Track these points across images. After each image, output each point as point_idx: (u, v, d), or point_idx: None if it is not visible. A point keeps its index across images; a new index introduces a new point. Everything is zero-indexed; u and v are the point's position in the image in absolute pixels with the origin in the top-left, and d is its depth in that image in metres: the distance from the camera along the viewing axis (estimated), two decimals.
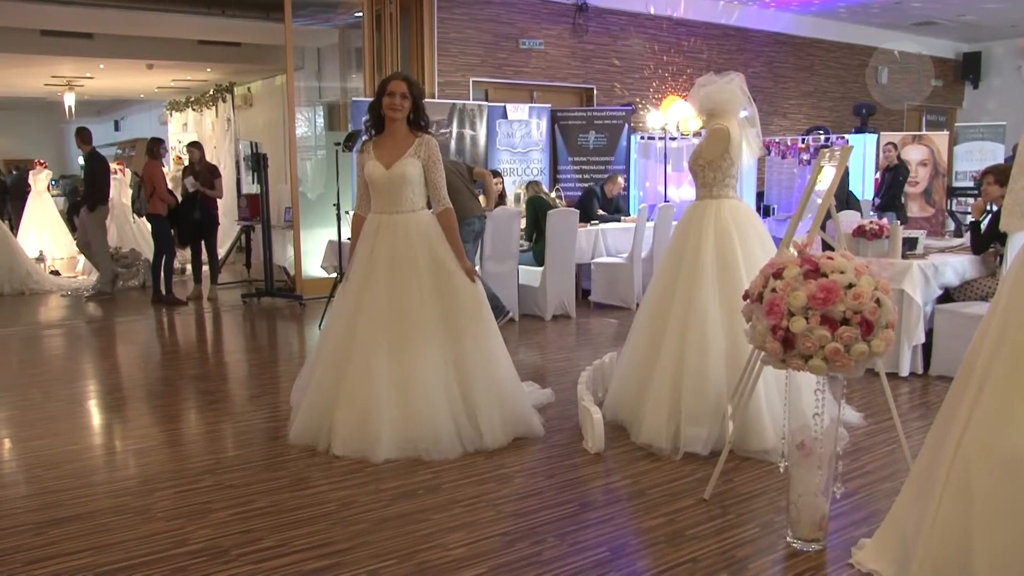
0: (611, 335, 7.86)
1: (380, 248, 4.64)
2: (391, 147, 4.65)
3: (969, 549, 2.68)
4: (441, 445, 4.43)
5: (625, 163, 11.53)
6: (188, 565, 3.27)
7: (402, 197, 4.64)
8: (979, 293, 6.15)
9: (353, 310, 4.63)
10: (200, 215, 10.01)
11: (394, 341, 4.52)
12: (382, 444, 4.40)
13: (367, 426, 4.43)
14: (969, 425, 2.75)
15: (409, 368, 4.50)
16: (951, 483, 2.75)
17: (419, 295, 4.57)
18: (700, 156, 4.76)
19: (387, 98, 4.57)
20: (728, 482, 4.07)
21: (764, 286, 3.22)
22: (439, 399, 4.50)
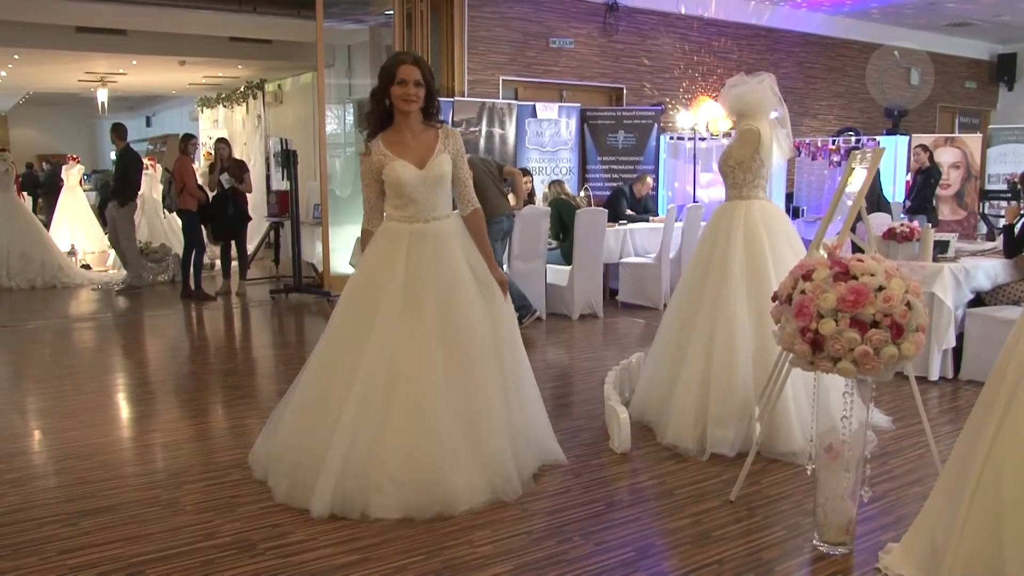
0: (638, 335, 7.86)
1: (416, 265, 3.90)
2: (412, 143, 3.96)
3: (1000, 557, 2.66)
4: (512, 483, 3.88)
5: (654, 163, 11.51)
6: (216, 558, 3.31)
7: (438, 201, 3.98)
8: (1011, 297, 6.10)
9: (383, 343, 3.81)
10: (233, 211, 10.12)
11: (454, 375, 3.82)
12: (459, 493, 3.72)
13: (438, 475, 3.71)
14: (1000, 431, 2.72)
15: (478, 403, 3.84)
16: (981, 490, 2.73)
17: (473, 317, 3.92)
18: (730, 157, 4.76)
19: (399, 87, 3.85)
20: (755, 484, 4.06)
21: (793, 287, 3.22)
22: (505, 432, 3.90)
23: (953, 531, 2.80)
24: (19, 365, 6.95)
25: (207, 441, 4.85)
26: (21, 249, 11.01)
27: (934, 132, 14.45)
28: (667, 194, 11.80)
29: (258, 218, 11.37)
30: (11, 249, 10.94)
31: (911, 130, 12.95)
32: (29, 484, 4.15)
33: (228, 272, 10.55)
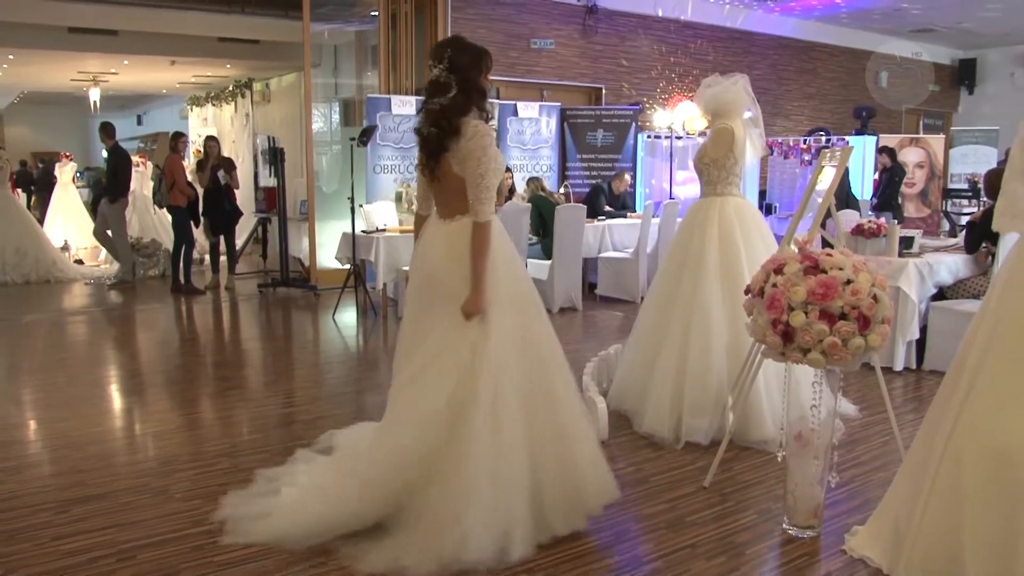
0: (616, 327, 7.99)
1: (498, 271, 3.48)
2: None
3: (958, 537, 2.81)
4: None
5: (632, 161, 11.64)
6: (205, 544, 3.40)
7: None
8: (972, 291, 6.28)
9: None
10: (228, 206, 10.19)
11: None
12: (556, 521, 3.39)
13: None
14: (960, 419, 2.86)
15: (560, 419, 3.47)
16: (942, 474, 2.87)
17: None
18: (705, 155, 4.88)
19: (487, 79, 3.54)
20: (728, 471, 4.19)
21: (765, 281, 3.32)
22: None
23: (915, 514, 2.94)
24: (14, 357, 6.99)
25: (196, 431, 4.92)
26: (16, 245, 11.06)
27: (900, 133, 14.69)
28: (644, 191, 11.93)
29: (246, 214, 11.43)
30: (5, 245, 10.98)
31: (879, 131, 13.17)
32: (23, 473, 4.22)
33: (217, 267, 10.61)
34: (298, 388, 5.85)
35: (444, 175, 3.39)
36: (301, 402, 5.50)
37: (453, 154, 3.35)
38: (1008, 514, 2.72)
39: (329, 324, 8.31)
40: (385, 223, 9.01)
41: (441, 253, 3.43)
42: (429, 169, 3.42)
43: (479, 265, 3.34)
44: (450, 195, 3.42)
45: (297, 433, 4.82)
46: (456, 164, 3.34)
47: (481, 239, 3.36)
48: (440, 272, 3.41)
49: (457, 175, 3.36)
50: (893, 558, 3.06)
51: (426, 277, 3.49)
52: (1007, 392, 2.79)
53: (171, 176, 9.95)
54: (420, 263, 3.54)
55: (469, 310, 3.31)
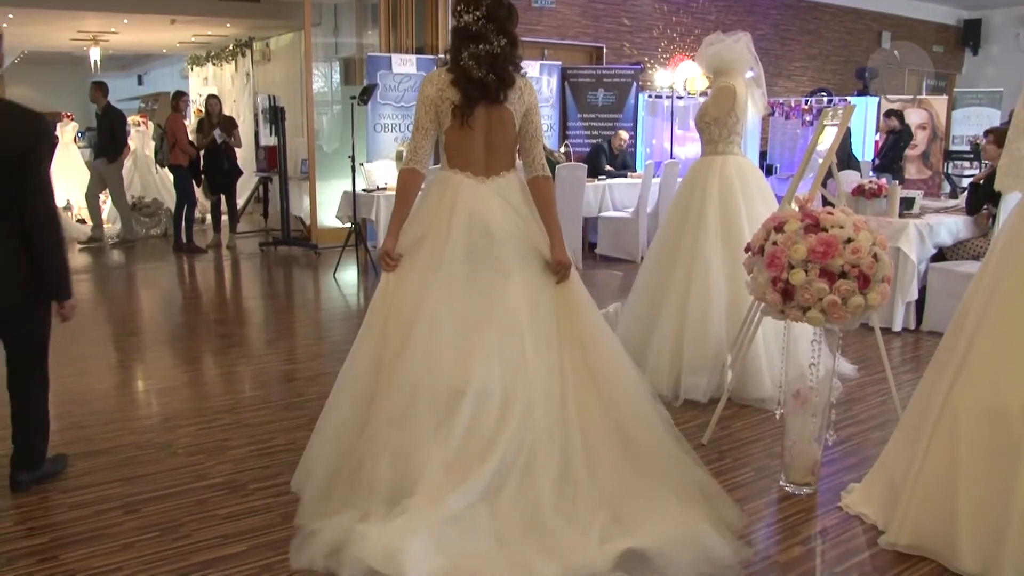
0: (616, 287, 8.01)
1: None
2: None
3: (953, 495, 2.84)
4: None
5: (633, 121, 11.59)
6: (209, 498, 3.44)
7: None
8: (971, 253, 6.29)
9: None
10: (227, 165, 10.17)
11: None
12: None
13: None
14: (958, 378, 2.89)
15: None
16: (939, 432, 2.91)
17: None
18: (707, 113, 4.86)
19: None
20: (726, 428, 4.23)
21: (766, 239, 3.32)
22: None
23: (911, 472, 2.97)
24: None
25: (199, 387, 4.96)
26: None
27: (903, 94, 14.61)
28: (645, 151, 11.90)
29: (247, 173, 11.41)
30: None
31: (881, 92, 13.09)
32: None
33: (219, 226, 10.62)
34: (299, 345, 5.88)
35: (500, 129, 3.24)
36: (302, 359, 5.53)
37: (515, 107, 3.25)
38: (1003, 472, 2.75)
39: (330, 282, 8.34)
40: (386, 182, 9.00)
41: (509, 212, 3.27)
42: (465, 118, 3.19)
43: (557, 219, 3.31)
44: (501, 151, 3.28)
45: (298, 390, 4.86)
46: (516, 118, 3.27)
47: (552, 194, 3.35)
48: (513, 232, 3.25)
49: (515, 129, 3.29)
50: (888, 515, 3.10)
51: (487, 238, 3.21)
52: (1005, 352, 2.81)
53: (173, 135, 9.92)
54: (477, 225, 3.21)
55: (567, 264, 3.28)
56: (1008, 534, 2.71)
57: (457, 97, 3.17)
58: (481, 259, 3.19)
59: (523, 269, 3.24)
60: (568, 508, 3.02)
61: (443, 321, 3.12)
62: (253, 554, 2.98)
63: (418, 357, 3.09)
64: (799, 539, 3.14)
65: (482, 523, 2.92)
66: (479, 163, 3.25)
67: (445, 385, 3.07)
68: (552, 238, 3.27)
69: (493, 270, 3.20)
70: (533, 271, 3.27)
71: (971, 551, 2.80)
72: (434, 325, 3.12)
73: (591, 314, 3.34)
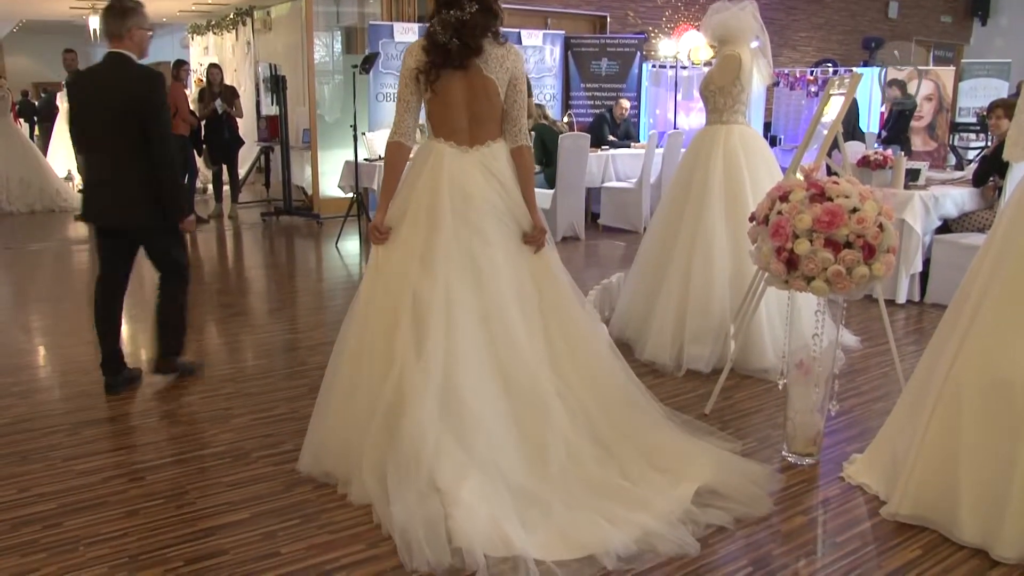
0: (618, 257, 8.00)
1: None
2: None
3: (955, 466, 2.85)
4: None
5: (636, 91, 11.53)
6: (212, 466, 3.46)
7: None
8: (976, 225, 6.26)
9: None
10: (228, 135, 10.13)
11: None
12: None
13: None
14: (962, 350, 2.88)
15: None
16: (942, 404, 2.91)
17: None
18: (711, 82, 4.82)
19: None
20: (728, 399, 4.24)
21: (770, 208, 3.30)
22: None
23: (913, 443, 2.98)
24: (21, 286, 7.05)
25: (202, 356, 4.95)
26: (20, 175, 11.05)
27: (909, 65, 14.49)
28: (648, 121, 11.85)
29: (249, 143, 11.37)
30: (9, 175, 10.96)
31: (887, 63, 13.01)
32: (34, 396, 4.28)
33: (220, 196, 10.60)
34: (301, 315, 5.89)
35: (483, 98, 3.23)
36: (304, 328, 5.54)
37: (497, 76, 3.22)
38: (1005, 444, 2.76)
39: (332, 252, 8.33)
40: None
41: (493, 183, 3.28)
42: (429, 83, 3.19)
43: (533, 188, 3.40)
44: (486, 120, 3.28)
45: (301, 359, 4.87)
46: (500, 87, 3.25)
47: (532, 162, 3.40)
48: (494, 202, 3.27)
49: (498, 98, 3.26)
50: (890, 486, 3.10)
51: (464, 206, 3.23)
52: (1010, 325, 2.81)
53: (173, 105, 9.81)
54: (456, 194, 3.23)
55: (542, 239, 3.37)
56: (1009, 505, 2.73)
57: (423, 63, 3.19)
58: (461, 227, 3.22)
59: (505, 238, 3.30)
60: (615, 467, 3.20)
61: (427, 292, 3.16)
62: (257, 521, 2.99)
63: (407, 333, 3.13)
64: (801, 509, 3.15)
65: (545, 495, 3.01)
66: (462, 132, 3.27)
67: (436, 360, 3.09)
68: (529, 206, 3.34)
69: (474, 237, 3.24)
70: (515, 241, 3.33)
71: (972, 522, 2.81)
72: (419, 296, 3.16)
73: (566, 286, 3.44)
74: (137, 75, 4.06)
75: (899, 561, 2.78)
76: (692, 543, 2.81)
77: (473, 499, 2.87)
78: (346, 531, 2.93)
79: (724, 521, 2.97)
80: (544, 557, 2.68)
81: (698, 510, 3.00)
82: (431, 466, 2.95)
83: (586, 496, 3.03)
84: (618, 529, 2.82)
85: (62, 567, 2.69)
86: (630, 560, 2.73)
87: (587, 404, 3.32)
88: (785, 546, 2.87)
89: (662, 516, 2.91)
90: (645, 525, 2.85)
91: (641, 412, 3.46)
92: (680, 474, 3.18)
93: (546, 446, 3.14)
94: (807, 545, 2.88)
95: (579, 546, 2.76)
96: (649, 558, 2.75)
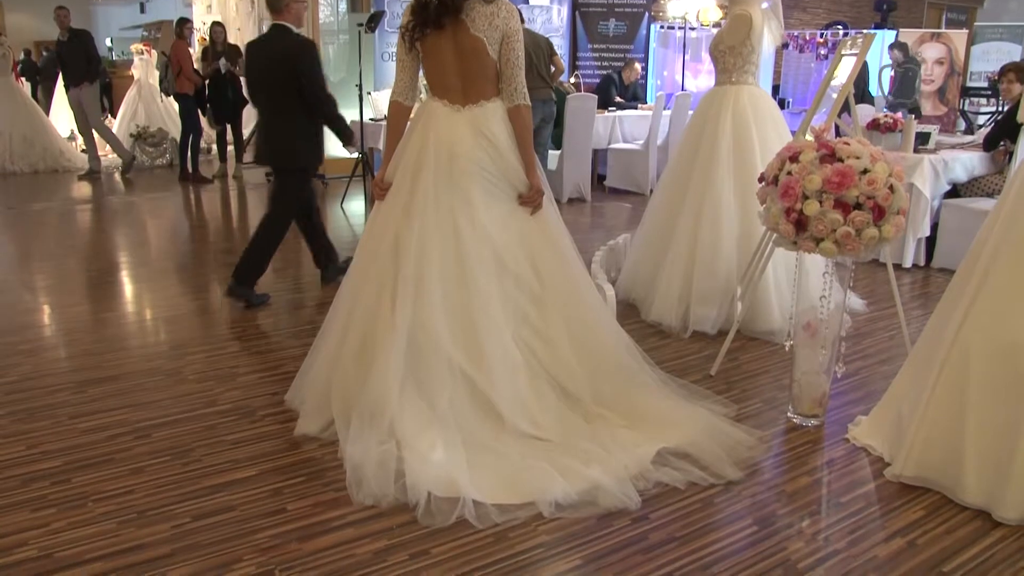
0: (625, 218, 7.99)
1: None
2: None
3: (960, 429, 2.85)
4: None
5: (644, 52, 11.44)
6: (218, 423, 3.47)
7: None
8: (986, 190, 6.22)
9: None
10: (232, 94, 10.06)
11: None
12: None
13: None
14: (971, 313, 2.88)
15: None
16: (949, 366, 2.90)
17: None
18: (721, 41, 4.77)
19: None
20: (734, 360, 4.23)
21: (780, 169, 3.27)
22: None
23: (919, 405, 2.98)
24: (25, 245, 7.04)
25: (206, 316, 4.98)
26: (23, 133, 11.03)
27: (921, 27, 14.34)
28: (656, 82, 11.76)
29: None
30: (12, 134, 10.93)
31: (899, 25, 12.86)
32: (39, 355, 4.29)
33: (224, 156, 10.58)
34: (306, 274, 5.88)
35: (472, 57, 3.23)
36: (310, 288, 5.54)
37: (486, 34, 3.21)
38: (1012, 407, 2.76)
39: (338, 212, 8.33)
40: None
41: (482, 142, 3.29)
42: (413, 41, 3.24)
43: (531, 147, 3.39)
44: (478, 79, 3.28)
45: (306, 317, 4.88)
46: (491, 46, 3.24)
47: (529, 122, 3.36)
48: (482, 162, 3.29)
49: (489, 56, 3.25)
50: (895, 447, 3.11)
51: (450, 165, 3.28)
52: (1019, 289, 2.80)
53: (177, 63, 9.80)
54: (442, 151, 3.28)
55: (537, 200, 3.39)
56: (1013, 468, 2.73)
57: (409, 22, 3.25)
58: (443, 184, 3.27)
59: (491, 199, 3.33)
60: (585, 429, 3.25)
61: (404, 237, 3.26)
62: (263, 479, 3.01)
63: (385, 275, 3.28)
64: (806, 470, 3.15)
65: (508, 447, 3.10)
66: (455, 91, 3.30)
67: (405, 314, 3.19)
68: (526, 166, 3.34)
69: (455, 196, 3.28)
70: (506, 203, 3.36)
71: (975, 483, 2.82)
72: (400, 250, 3.26)
73: (565, 248, 3.47)
74: (296, 43, 4.91)
75: (902, 522, 2.78)
76: (635, 498, 2.87)
77: (428, 449, 3.01)
78: None
79: (677, 481, 3.00)
80: (486, 500, 2.80)
81: (653, 468, 3.05)
82: (393, 418, 3.07)
83: (544, 451, 3.10)
84: (566, 480, 2.90)
85: (71, 522, 2.71)
86: (568, 510, 2.81)
87: (571, 365, 3.37)
88: (789, 506, 2.87)
89: (613, 471, 2.97)
90: (594, 479, 2.92)
91: (628, 376, 3.48)
92: (652, 435, 3.22)
93: (510, 405, 3.21)
94: (811, 505, 2.89)
95: (523, 493, 2.86)
96: (588, 510, 2.82)
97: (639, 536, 2.68)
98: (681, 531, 2.71)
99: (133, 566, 2.48)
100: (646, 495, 2.91)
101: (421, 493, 2.81)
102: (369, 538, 2.64)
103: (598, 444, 3.15)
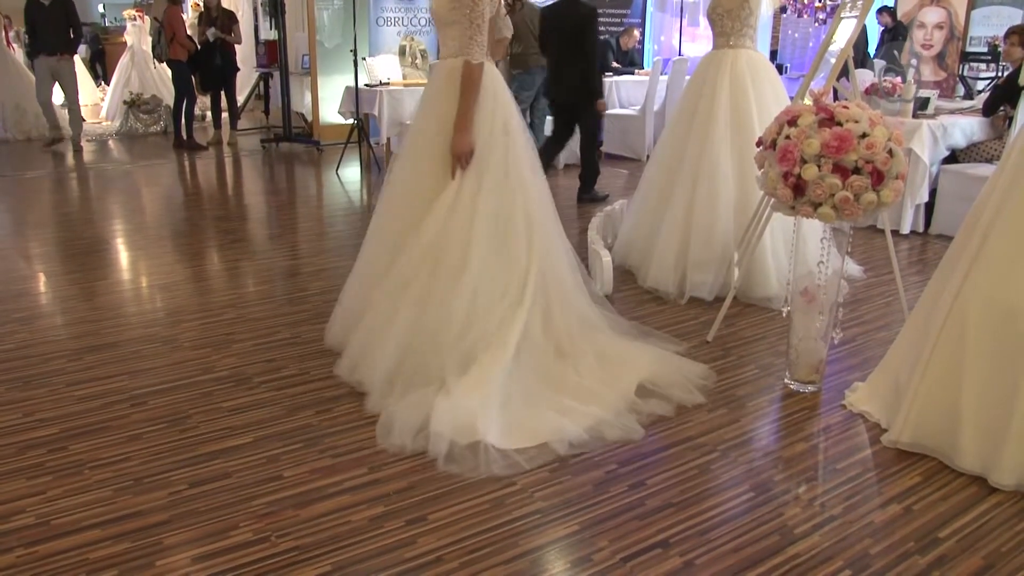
0: (621, 185, 7.96)
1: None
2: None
3: (957, 393, 2.85)
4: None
5: (641, 16, 11.34)
6: (214, 390, 3.47)
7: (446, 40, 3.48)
8: (985, 155, 6.19)
9: None
10: (221, 61, 9.97)
11: None
12: None
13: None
14: (968, 278, 2.86)
15: None
16: (947, 331, 2.89)
17: None
18: (719, 5, 4.71)
19: None
20: (731, 326, 4.22)
21: (778, 133, 3.23)
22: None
23: (916, 370, 2.97)
24: (19, 213, 7.00)
25: (202, 283, 4.96)
26: (15, 102, 10.92)
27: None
28: (653, 47, 11.67)
29: (247, 69, 11.20)
30: (5, 102, 10.84)
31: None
32: (35, 323, 4.28)
33: (219, 122, 10.51)
34: (302, 241, 5.86)
35: (437, 9, 3.39)
36: (305, 254, 5.53)
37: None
38: (1009, 372, 2.75)
39: (333, 179, 8.28)
40: (388, 76, 8.84)
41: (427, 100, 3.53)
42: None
43: (465, 105, 3.33)
44: (445, 35, 3.42)
45: (302, 284, 4.86)
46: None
47: (472, 79, 3.31)
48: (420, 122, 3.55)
49: (445, 12, 3.34)
50: (891, 413, 3.11)
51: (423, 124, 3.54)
52: (1017, 254, 2.78)
53: (171, 29, 9.68)
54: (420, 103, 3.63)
55: (456, 154, 3.35)
56: (1009, 434, 2.73)
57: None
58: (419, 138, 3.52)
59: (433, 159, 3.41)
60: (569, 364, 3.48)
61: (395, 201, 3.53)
62: (259, 445, 3.01)
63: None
64: (802, 436, 3.15)
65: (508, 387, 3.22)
66: (441, 46, 3.56)
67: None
68: (457, 121, 3.34)
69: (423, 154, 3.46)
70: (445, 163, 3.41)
71: (972, 449, 2.82)
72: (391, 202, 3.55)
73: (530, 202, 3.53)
74: (584, 10, 6.58)
75: (899, 488, 2.79)
76: (637, 429, 3.10)
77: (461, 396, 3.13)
78: (349, 455, 2.94)
79: (665, 411, 3.27)
80: (504, 445, 2.93)
81: (641, 401, 3.29)
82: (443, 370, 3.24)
83: (542, 390, 3.27)
84: (570, 420, 3.08)
85: (68, 489, 2.71)
86: (581, 446, 2.98)
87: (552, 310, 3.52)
88: (786, 472, 2.88)
89: (610, 407, 3.20)
90: (595, 415, 3.13)
91: (591, 323, 3.70)
92: (622, 370, 3.47)
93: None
94: (808, 471, 2.90)
95: (534, 435, 3.01)
96: (597, 445, 3.00)
97: (636, 502, 2.68)
98: (678, 497, 2.71)
99: (129, 533, 2.48)
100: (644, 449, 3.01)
101: (443, 442, 2.93)
102: (365, 504, 2.64)
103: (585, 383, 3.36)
